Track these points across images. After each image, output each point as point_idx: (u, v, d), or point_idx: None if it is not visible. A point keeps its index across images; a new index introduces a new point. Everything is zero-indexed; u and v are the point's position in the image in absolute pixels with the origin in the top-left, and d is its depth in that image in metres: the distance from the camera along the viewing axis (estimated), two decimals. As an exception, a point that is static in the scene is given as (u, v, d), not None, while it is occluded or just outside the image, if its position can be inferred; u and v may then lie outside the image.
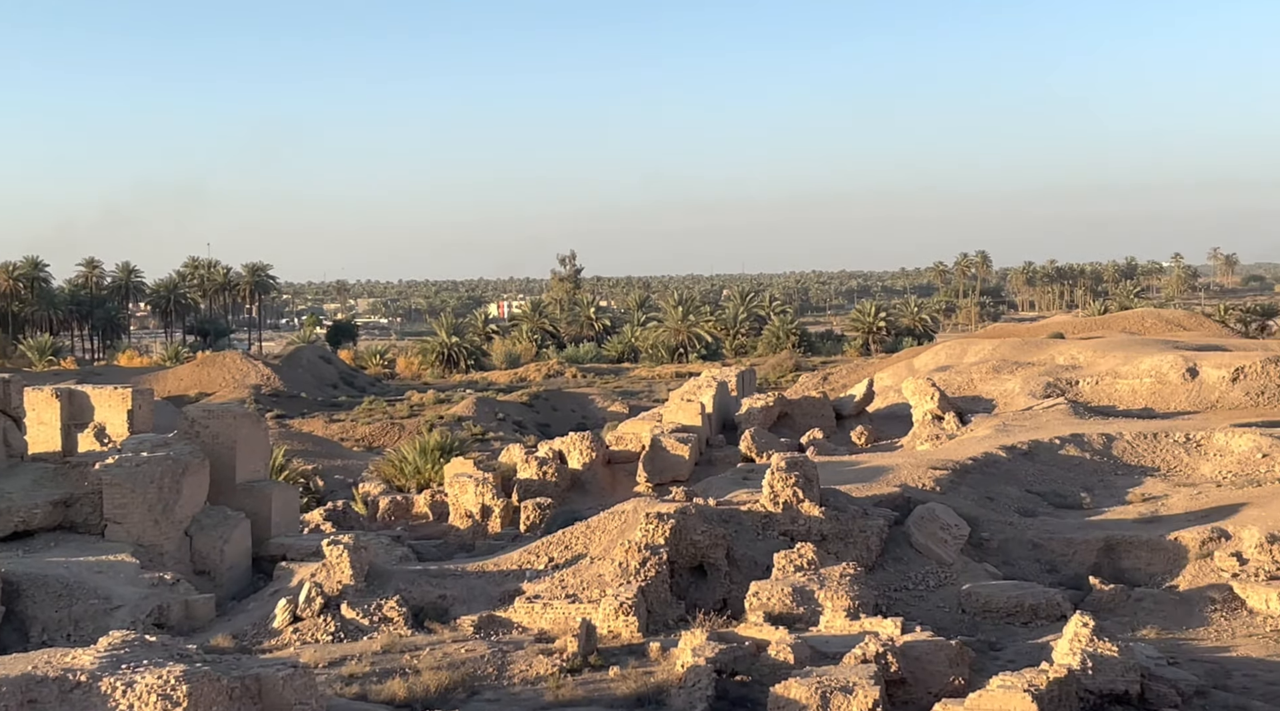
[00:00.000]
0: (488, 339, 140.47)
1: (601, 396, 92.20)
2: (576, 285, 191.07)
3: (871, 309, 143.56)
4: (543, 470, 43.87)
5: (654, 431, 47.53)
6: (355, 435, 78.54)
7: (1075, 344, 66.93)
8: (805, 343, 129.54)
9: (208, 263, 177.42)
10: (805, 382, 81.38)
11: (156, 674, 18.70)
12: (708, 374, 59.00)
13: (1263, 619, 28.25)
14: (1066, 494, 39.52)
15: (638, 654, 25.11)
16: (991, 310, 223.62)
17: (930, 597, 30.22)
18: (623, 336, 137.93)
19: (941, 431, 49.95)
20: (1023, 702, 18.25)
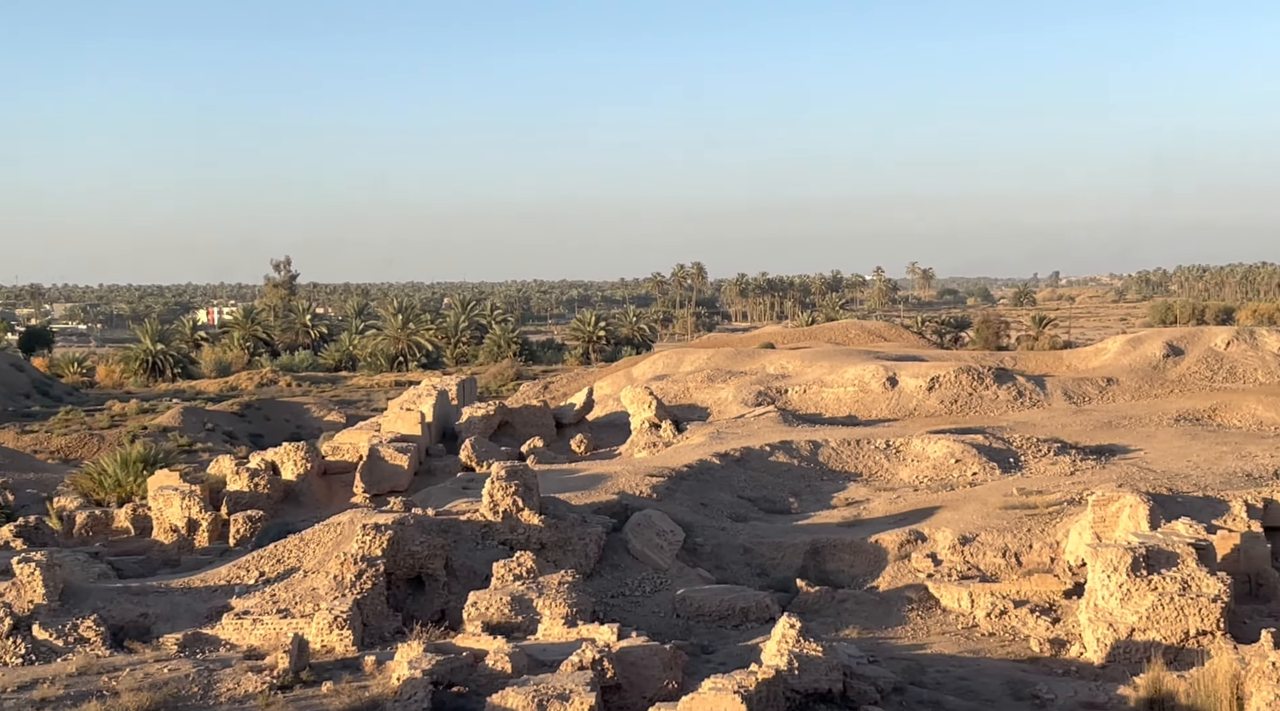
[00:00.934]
0: (196, 346, 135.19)
1: (318, 405, 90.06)
2: (292, 291, 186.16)
3: (591, 318, 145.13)
4: (254, 482, 42.52)
5: (372, 441, 46.75)
6: (50, 447, 74.24)
7: (785, 353, 69.33)
8: (526, 351, 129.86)
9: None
10: (526, 391, 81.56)
11: None
12: (428, 382, 58.45)
13: (955, 617, 29.89)
14: (776, 499, 40.83)
15: (352, 668, 24.59)
16: (707, 320, 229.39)
17: (646, 603, 30.70)
18: (340, 344, 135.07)
19: (659, 439, 50.89)
20: (732, 704, 18.72)
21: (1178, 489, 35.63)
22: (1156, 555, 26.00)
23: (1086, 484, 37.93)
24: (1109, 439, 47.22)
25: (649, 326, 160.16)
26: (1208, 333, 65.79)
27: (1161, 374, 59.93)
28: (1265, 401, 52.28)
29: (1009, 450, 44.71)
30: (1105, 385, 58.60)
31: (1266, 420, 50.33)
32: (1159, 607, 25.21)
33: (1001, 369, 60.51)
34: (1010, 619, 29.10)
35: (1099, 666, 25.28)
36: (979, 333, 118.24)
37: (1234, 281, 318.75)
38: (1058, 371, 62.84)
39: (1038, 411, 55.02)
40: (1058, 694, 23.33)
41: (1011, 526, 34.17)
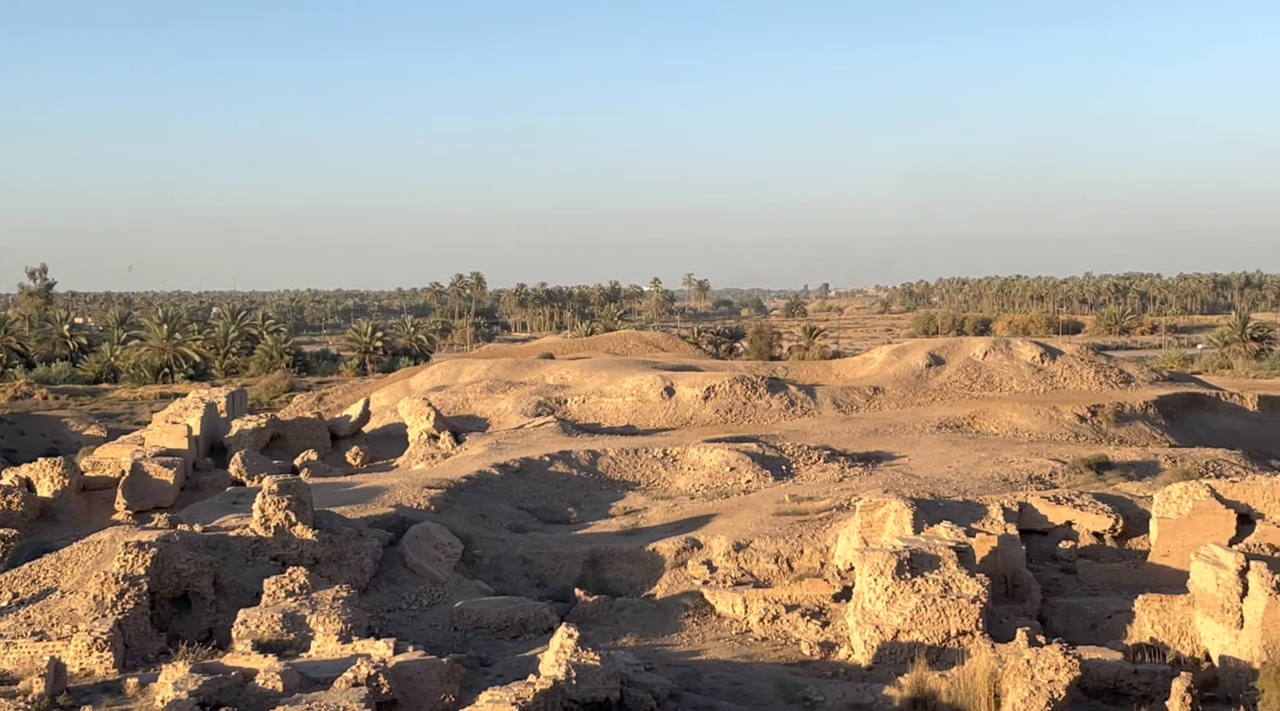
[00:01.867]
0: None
1: (76, 419, 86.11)
2: (48, 300, 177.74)
3: (368, 328, 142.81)
4: (7, 499, 40.48)
5: (135, 456, 45.07)
6: None
7: (564, 364, 69.64)
8: (300, 362, 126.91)
9: None
10: (300, 403, 79.79)
11: None
12: (195, 395, 56.64)
13: (729, 622, 30.44)
14: (555, 509, 40.92)
15: (113, 691, 23.62)
16: (486, 331, 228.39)
17: (423, 617, 30.34)
18: (101, 355, 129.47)
19: (437, 450, 50.43)
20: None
21: (940, 494, 37.11)
22: (920, 558, 27.00)
23: (854, 490, 39.17)
24: (875, 446, 48.90)
25: (427, 337, 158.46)
26: (967, 343, 68.81)
27: (924, 383, 62.39)
28: (1020, 409, 54.93)
29: (781, 458, 45.84)
30: (872, 394, 60.67)
31: (1021, 427, 52.88)
32: (922, 609, 26.18)
33: (774, 378, 62.04)
34: (782, 623, 29.79)
35: (866, 667, 26.10)
36: (753, 343, 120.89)
37: (991, 293, 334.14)
38: (827, 381, 64.81)
39: (809, 419, 56.58)
40: (827, 695, 23.98)
41: (784, 532, 35.02)
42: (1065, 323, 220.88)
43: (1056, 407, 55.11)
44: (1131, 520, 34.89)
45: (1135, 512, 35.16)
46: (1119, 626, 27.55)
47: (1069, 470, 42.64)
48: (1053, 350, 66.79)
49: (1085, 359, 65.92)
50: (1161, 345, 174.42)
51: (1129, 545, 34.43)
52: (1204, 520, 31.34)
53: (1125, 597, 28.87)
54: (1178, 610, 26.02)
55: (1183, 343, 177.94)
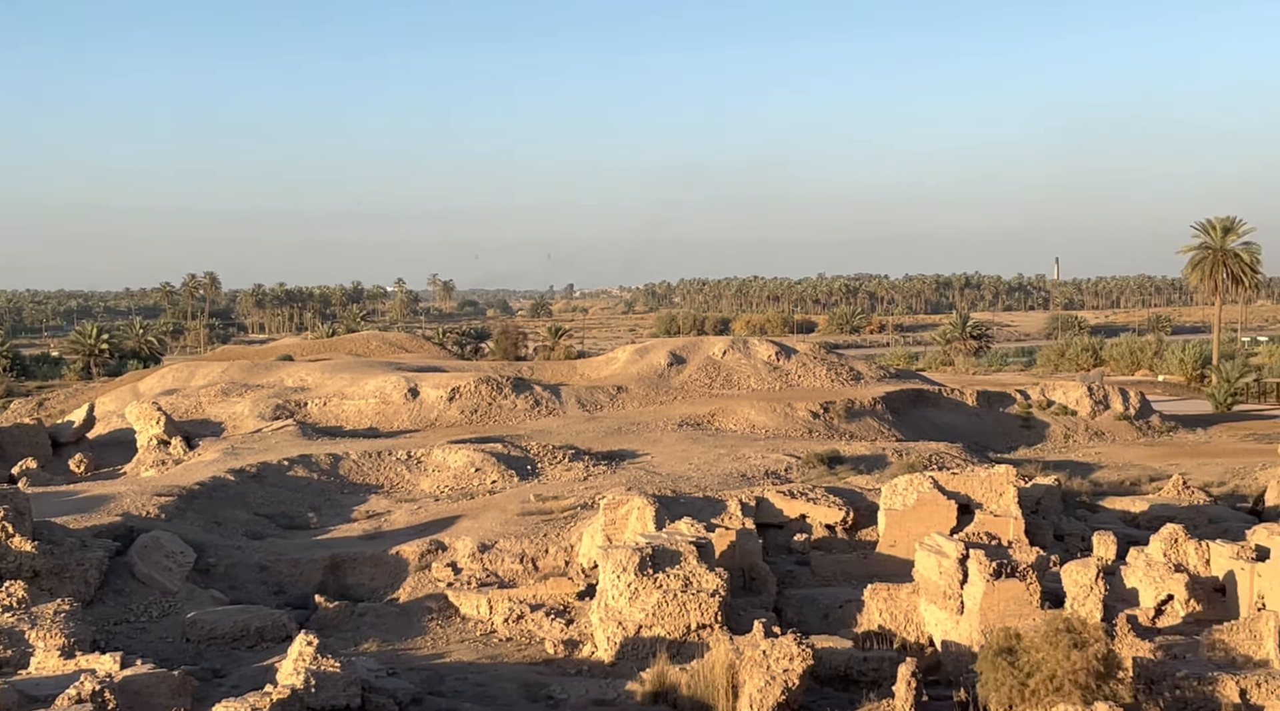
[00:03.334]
0: None
1: None
2: None
3: (93, 330, 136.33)
4: None
5: None
6: None
7: (304, 366, 68.05)
8: (19, 366, 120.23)
9: None
10: (19, 409, 75.50)
11: None
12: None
13: (474, 624, 30.31)
14: (295, 514, 39.96)
15: None
16: (221, 332, 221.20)
17: (154, 628, 29.18)
18: None
19: (168, 456, 48.60)
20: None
21: (681, 490, 37.87)
22: (661, 554, 27.46)
23: (599, 488, 39.60)
24: (619, 444, 49.54)
25: (158, 339, 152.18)
26: (707, 342, 70.43)
27: (666, 381, 63.55)
28: (757, 406, 56.54)
29: (527, 457, 45.94)
30: (616, 393, 61.43)
31: (758, 424, 54.44)
32: (664, 604, 26.62)
33: (520, 379, 62.14)
34: (527, 623, 29.84)
35: (609, 664, 26.39)
36: (498, 343, 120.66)
37: (730, 294, 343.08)
38: (572, 380, 65.32)
39: (554, 419, 56.88)
40: (571, 693, 24.13)
41: (529, 532, 35.10)
42: (800, 322, 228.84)
43: (791, 404, 56.95)
44: (861, 512, 36.34)
45: (865, 504, 36.64)
46: (850, 615, 28.64)
47: (803, 465, 44.14)
48: (788, 349, 69.02)
49: (818, 357, 68.38)
50: (889, 343, 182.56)
51: (859, 536, 35.85)
52: (927, 511, 32.92)
53: (855, 587, 30.01)
54: (904, 598, 27.22)
55: (908, 341, 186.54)
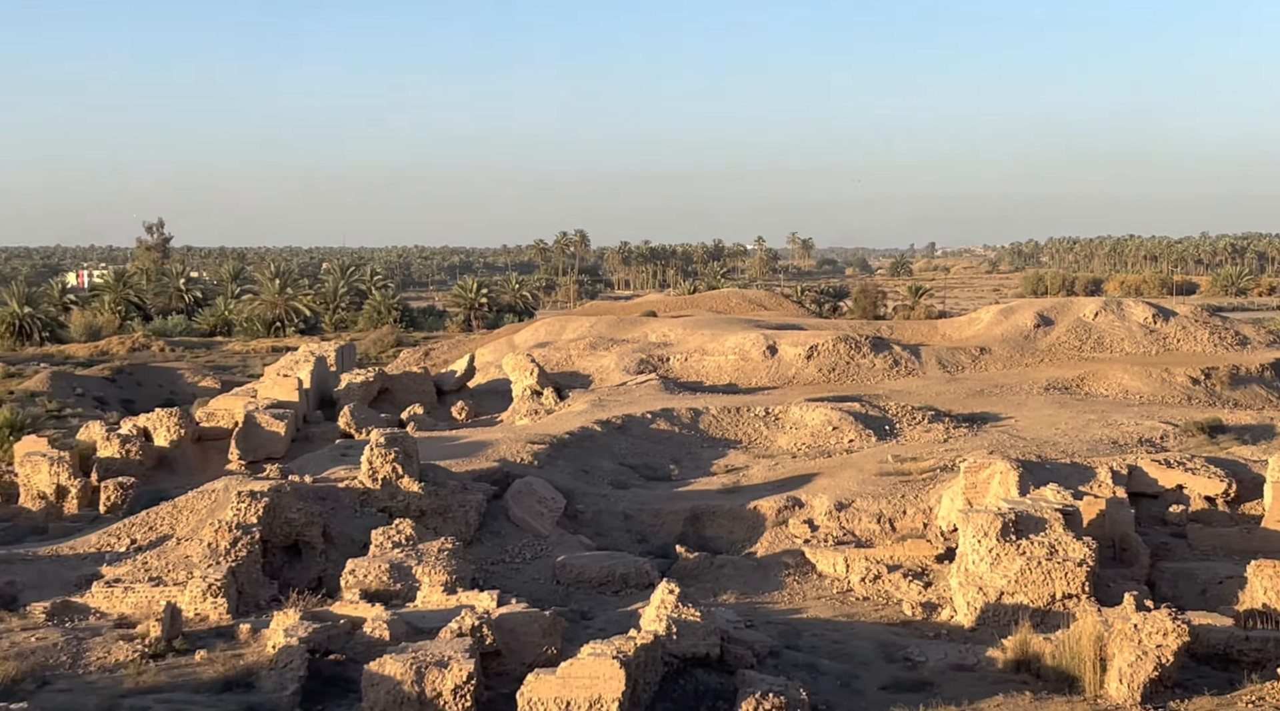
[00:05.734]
0: (65, 310, 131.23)
1: (192, 371, 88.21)
2: (165, 254, 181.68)
3: (474, 285, 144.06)
4: (126, 448, 41.64)
5: (248, 407, 46.05)
6: (-89, 412, 71.74)
7: (667, 322, 69.67)
8: (407, 318, 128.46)
9: None
10: (406, 358, 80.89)
11: None
12: (306, 348, 57.66)
13: (830, 581, 30.40)
14: (657, 466, 41.08)
15: (226, 636, 24.30)
16: (590, 288, 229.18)
17: (526, 570, 30.74)
18: (215, 309, 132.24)
19: (540, 406, 50.83)
20: (610, 668, 18.85)
21: (1046, 456, 36.60)
22: (1025, 521, 26.69)
23: (959, 451, 38.78)
24: (981, 407, 48.31)
25: (531, 294, 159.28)
26: (1077, 303, 67.52)
27: (1032, 343, 61.41)
28: (1131, 370, 53.88)
29: (885, 418, 45.50)
30: (978, 354, 59.89)
31: (1132, 389, 51.89)
32: (1027, 572, 25.89)
33: (878, 338, 61.50)
34: (884, 583, 29.68)
35: (969, 629, 25.93)
36: (857, 302, 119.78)
37: (1103, 253, 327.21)
38: (932, 341, 64.08)
39: (913, 380, 56.05)
40: (929, 656, 23.87)
41: (886, 492, 34.82)
42: (1179, 283, 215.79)
43: (1169, 370, 53.97)
44: (1245, 485, 34.14)
45: (1249, 477, 34.38)
46: (1230, 592, 27.02)
47: (1181, 433, 41.76)
48: (1166, 311, 65.31)
49: (1200, 320, 64.36)
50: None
51: (1242, 510, 33.70)
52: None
53: (1237, 563, 28.27)
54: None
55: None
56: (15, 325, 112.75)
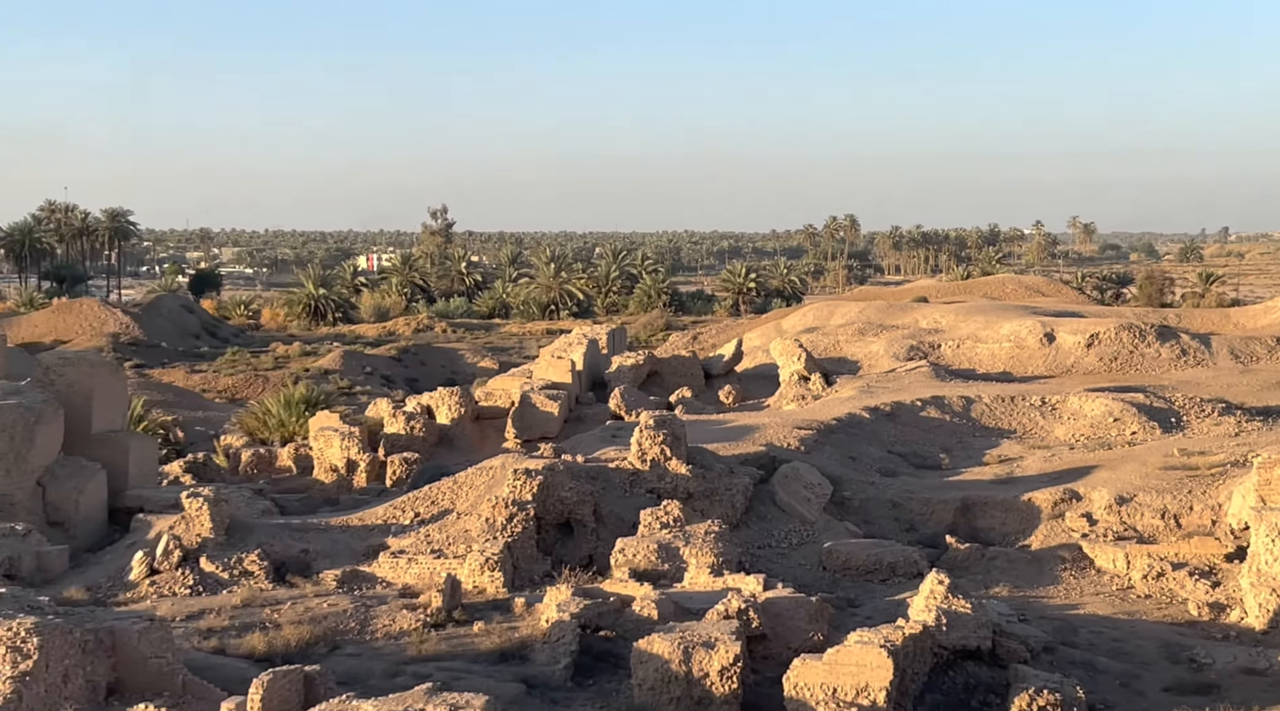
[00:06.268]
0: (356, 291, 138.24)
1: (471, 352, 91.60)
2: (448, 239, 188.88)
3: (742, 270, 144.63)
4: (410, 425, 43.48)
5: (524, 388, 47.38)
6: (218, 387, 76.91)
7: (938, 308, 68.34)
8: (676, 302, 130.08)
9: (65, 207, 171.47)
10: (675, 342, 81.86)
11: (6, 626, 18.20)
12: (578, 331, 58.96)
13: (1109, 578, 29.27)
14: (926, 455, 40.38)
15: (502, 609, 25.12)
16: (859, 273, 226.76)
17: (792, 555, 30.70)
18: (494, 292, 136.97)
19: (807, 392, 50.63)
20: (878, 657, 18.66)
21: (1350, 454, 34.24)
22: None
23: (1252, 446, 36.66)
24: (1278, 400, 45.59)
25: (799, 279, 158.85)
26: (1388, 292, 62.93)
27: (1336, 334, 57.54)
28: None
29: (1170, 410, 43.46)
30: (1275, 345, 56.49)
31: None
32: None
33: (1165, 326, 58.77)
34: (1168, 581, 28.39)
35: (1260, 632, 24.56)
36: (1142, 289, 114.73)
37: None
38: (1224, 330, 60.83)
39: (1202, 370, 53.35)
40: (1216, 658, 22.74)
41: (1171, 487, 33.24)
42: None
43: None
44: None
45: None
46: None
47: None
48: None
49: None
50: None
51: None
52: None
53: None
54: None
55: None
56: (311, 306, 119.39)
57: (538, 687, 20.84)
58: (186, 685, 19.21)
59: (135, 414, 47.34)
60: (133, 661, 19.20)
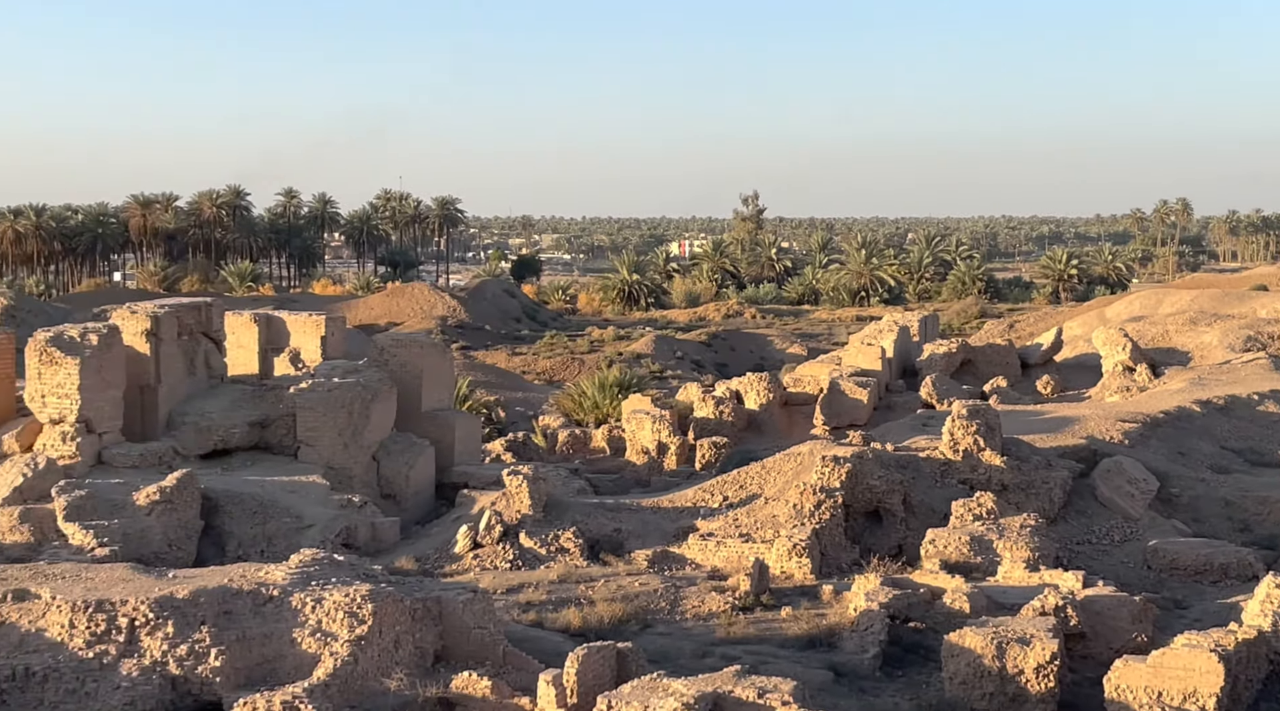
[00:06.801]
0: (668, 277, 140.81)
1: (780, 338, 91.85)
2: (759, 225, 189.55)
3: (1063, 256, 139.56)
4: (719, 409, 43.94)
5: (833, 374, 47.16)
6: (536, 368, 79.82)
7: (1279, 296, 64.12)
8: (991, 289, 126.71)
9: (399, 195, 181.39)
10: (990, 330, 79.80)
11: (344, 592, 19.42)
12: (889, 318, 58.19)
13: None
14: (1264, 451, 37.95)
15: (810, 595, 25.10)
16: (1190, 260, 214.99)
17: (1114, 552, 29.45)
18: (803, 278, 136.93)
19: (1132, 383, 48.41)
20: (1208, 662, 17.70)
21: None
22: None
23: None
24: None
25: (1125, 265, 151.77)
26: None
27: None
28: None
29: None
30: None
31: None
32: None
33: None
34: None
35: None
36: None
37: None
38: None
39: None
40: None
41: None
42: None
43: None
44: None
45: None
46: None
47: None
48: None
49: None
50: None
51: None
52: None
53: None
54: None
55: None
56: (624, 291, 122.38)
57: (846, 676, 20.74)
58: (507, 656, 20.05)
59: (461, 393, 49.69)
60: (457, 631, 20.16)
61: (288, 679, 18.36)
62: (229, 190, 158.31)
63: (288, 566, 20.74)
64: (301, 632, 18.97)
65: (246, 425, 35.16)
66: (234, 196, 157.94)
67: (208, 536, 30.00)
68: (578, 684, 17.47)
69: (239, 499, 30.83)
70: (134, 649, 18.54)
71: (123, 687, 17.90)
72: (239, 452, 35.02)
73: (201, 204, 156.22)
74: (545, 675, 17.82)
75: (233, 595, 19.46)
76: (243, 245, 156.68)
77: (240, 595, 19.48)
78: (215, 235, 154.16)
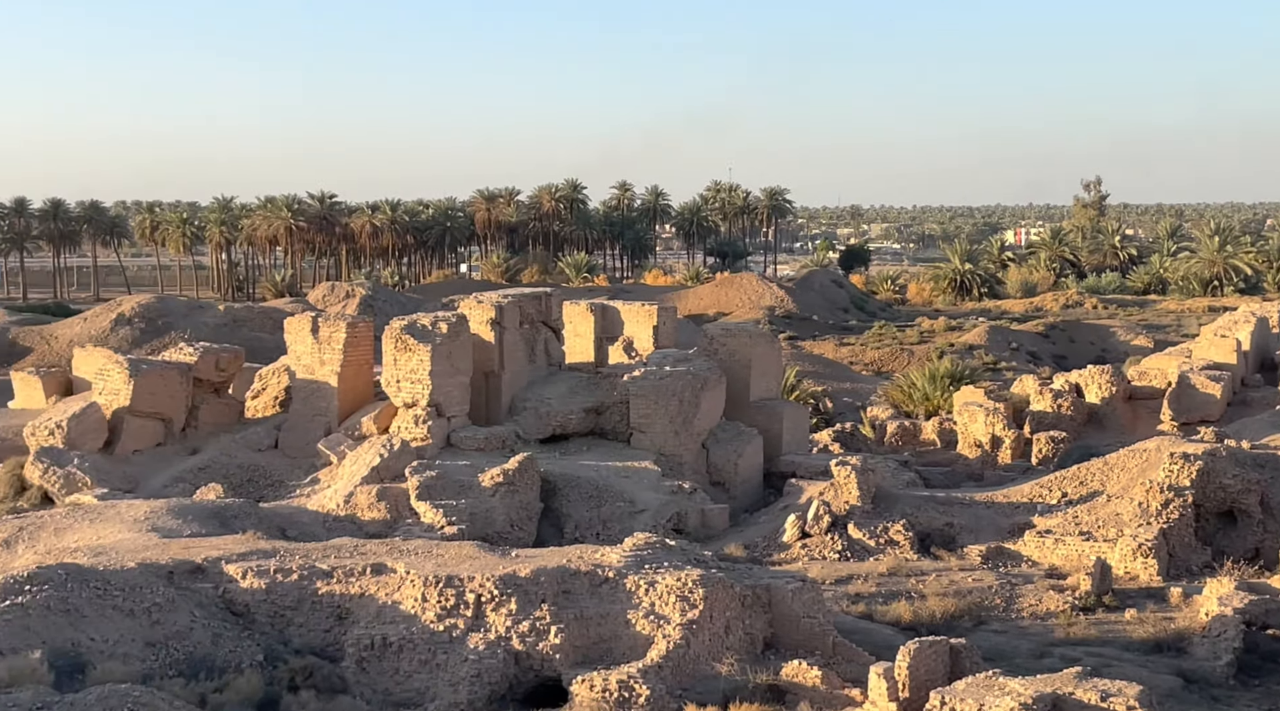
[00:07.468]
0: (1003, 266, 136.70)
1: (1123, 329, 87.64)
2: (1101, 212, 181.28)
3: None
4: (1057, 403, 42.43)
5: (1181, 368, 44.76)
6: (864, 359, 79.03)
7: None
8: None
9: (728, 186, 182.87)
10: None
11: (676, 576, 19.80)
12: (1245, 308, 54.83)
13: None
14: None
15: (1156, 598, 23.94)
16: None
17: None
18: (1150, 267, 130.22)
19: None
20: None
21: None
22: None
23: None
24: None
25: None
26: None
27: None
28: None
29: None
30: None
31: None
32: None
33: None
34: None
35: None
36: None
37: None
38: None
39: None
40: None
41: None
42: None
43: None
44: None
45: None
46: None
47: None
48: None
49: None
50: None
51: None
52: None
53: None
54: None
55: None
56: (956, 280, 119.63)
57: (1196, 682, 19.70)
58: (836, 646, 19.97)
59: (788, 383, 49.77)
60: (786, 619, 20.22)
61: (622, 659, 18.86)
62: (566, 184, 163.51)
63: (622, 549, 21.30)
64: (635, 614, 19.44)
65: (582, 411, 36.29)
66: (571, 190, 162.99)
67: (546, 518, 31.18)
68: (909, 678, 17.20)
69: (576, 482, 31.89)
70: (480, 623, 19.44)
71: (470, 660, 18.78)
72: (575, 438, 36.19)
73: (541, 198, 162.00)
74: (876, 667, 17.64)
75: (571, 575, 20.13)
76: (579, 237, 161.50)
77: (578, 575, 20.14)
78: (553, 228, 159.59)
